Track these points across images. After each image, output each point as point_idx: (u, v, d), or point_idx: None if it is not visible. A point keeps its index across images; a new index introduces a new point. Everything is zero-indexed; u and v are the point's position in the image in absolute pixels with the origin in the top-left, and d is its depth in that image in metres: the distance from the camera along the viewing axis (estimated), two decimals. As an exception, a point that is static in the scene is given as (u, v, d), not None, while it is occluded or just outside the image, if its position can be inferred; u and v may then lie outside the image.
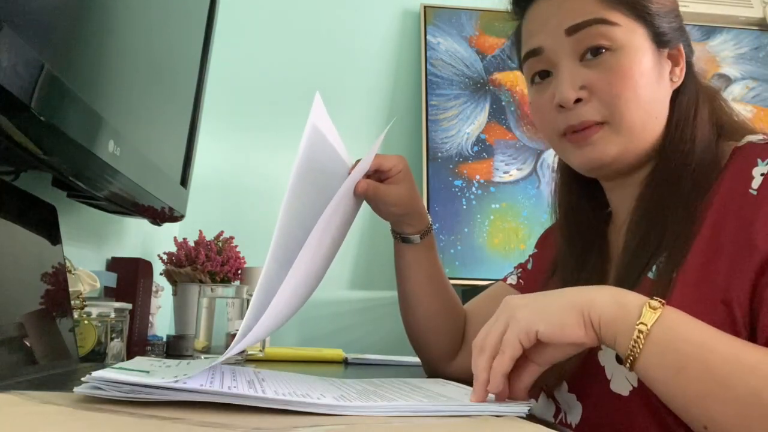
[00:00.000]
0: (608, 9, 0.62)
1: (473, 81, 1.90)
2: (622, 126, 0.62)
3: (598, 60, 0.62)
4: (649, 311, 0.49)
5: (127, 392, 0.41)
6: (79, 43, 0.68)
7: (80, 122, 0.66)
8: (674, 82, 0.66)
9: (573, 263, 0.72)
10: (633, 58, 0.62)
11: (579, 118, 0.63)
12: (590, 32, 0.62)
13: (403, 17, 1.99)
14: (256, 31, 1.90)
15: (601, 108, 0.62)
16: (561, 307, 0.51)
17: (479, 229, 1.77)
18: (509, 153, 1.84)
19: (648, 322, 0.48)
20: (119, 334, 0.88)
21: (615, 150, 0.63)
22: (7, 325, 0.58)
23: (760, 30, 2.09)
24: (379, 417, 0.45)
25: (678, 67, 0.67)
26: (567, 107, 0.63)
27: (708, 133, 0.65)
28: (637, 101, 0.62)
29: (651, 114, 0.63)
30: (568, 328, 0.50)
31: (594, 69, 0.62)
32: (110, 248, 1.18)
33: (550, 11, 0.65)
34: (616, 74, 0.62)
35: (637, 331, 0.48)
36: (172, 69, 1.09)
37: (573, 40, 0.63)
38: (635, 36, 0.63)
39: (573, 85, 0.63)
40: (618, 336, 0.50)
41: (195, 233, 1.30)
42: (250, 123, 1.86)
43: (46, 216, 0.75)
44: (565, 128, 0.65)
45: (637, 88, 0.62)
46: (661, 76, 0.65)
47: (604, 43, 0.62)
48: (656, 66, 0.64)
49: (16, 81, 0.51)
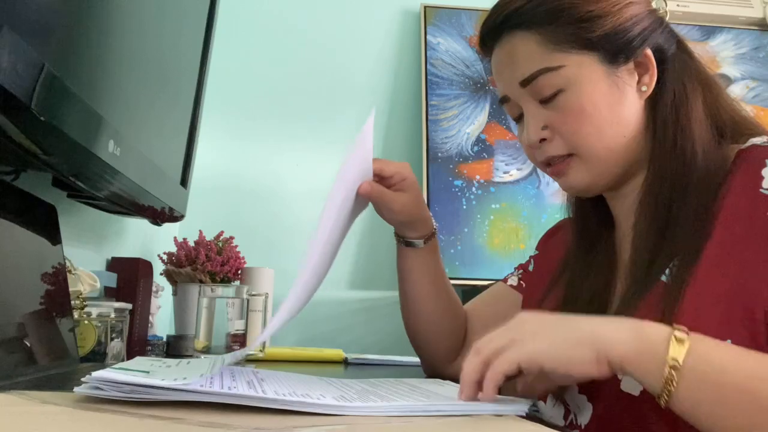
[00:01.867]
0: (550, 52, 0.64)
1: (473, 81, 1.90)
2: (588, 156, 0.66)
3: (555, 101, 0.65)
4: (676, 344, 0.47)
5: (127, 392, 0.41)
6: (79, 43, 0.68)
7: (80, 122, 0.66)
8: (644, 92, 0.66)
9: (580, 266, 0.72)
10: (583, 93, 0.64)
11: (546, 155, 0.68)
12: (539, 81, 0.65)
13: (403, 17, 1.99)
14: (256, 31, 1.90)
15: (563, 144, 0.66)
16: (573, 342, 0.50)
17: (479, 229, 1.76)
18: (509, 153, 1.84)
19: (679, 357, 0.47)
20: (119, 334, 0.88)
21: (588, 177, 0.67)
22: (7, 325, 0.58)
23: (760, 30, 2.09)
24: (378, 417, 0.45)
25: (647, 74, 0.66)
26: (534, 147, 0.68)
27: (706, 133, 0.64)
28: (595, 131, 0.64)
29: (615, 135, 0.65)
30: (578, 366, 0.49)
31: (552, 110, 0.66)
32: (110, 248, 1.18)
33: (502, 64, 0.69)
34: (570, 112, 0.64)
35: (669, 368, 0.47)
36: (172, 69, 1.09)
37: (528, 89, 0.66)
38: (582, 69, 0.64)
39: (536, 128, 0.67)
40: (647, 375, 0.48)
41: (195, 233, 1.30)
42: (250, 123, 1.86)
43: (46, 216, 0.75)
44: (541, 163, 0.70)
45: (592, 120, 0.64)
46: (620, 94, 0.65)
47: (555, 89, 0.64)
48: (612, 87, 0.65)
49: (16, 81, 0.51)
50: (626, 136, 0.66)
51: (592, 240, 0.74)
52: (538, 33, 0.65)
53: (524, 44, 0.66)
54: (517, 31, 0.66)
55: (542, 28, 0.65)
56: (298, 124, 1.87)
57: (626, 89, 0.66)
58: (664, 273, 0.60)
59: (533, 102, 0.67)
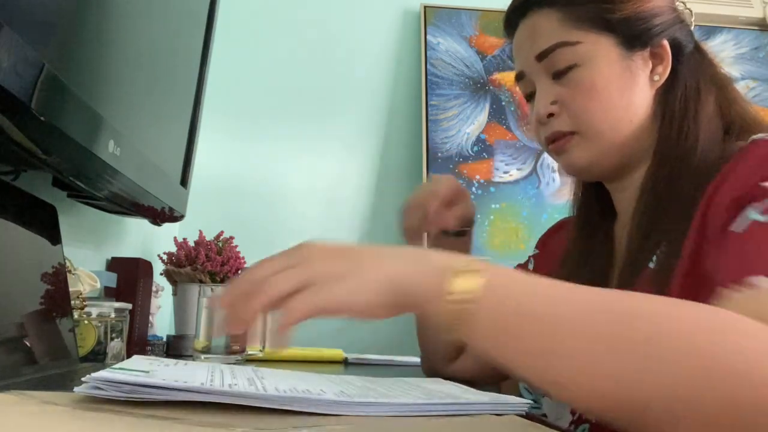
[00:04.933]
0: (569, 29, 0.67)
1: (473, 81, 1.90)
2: (591, 134, 0.67)
3: (567, 77, 0.67)
4: (466, 277, 0.42)
5: (127, 392, 0.41)
6: (79, 43, 0.68)
7: (80, 122, 0.66)
8: (656, 81, 0.68)
9: (579, 255, 0.74)
10: (596, 71, 0.66)
11: (551, 130, 0.69)
12: (555, 55, 0.67)
13: (403, 17, 1.99)
14: (256, 31, 1.90)
15: (570, 120, 0.68)
16: (374, 288, 0.43)
17: (479, 229, 1.76)
18: (509, 153, 1.84)
19: (469, 290, 0.41)
20: (119, 334, 0.88)
21: (587, 156, 0.68)
22: (7, 325, 0.58)
23: (760, 30, 2.09)
24: (379, 416, 0.45)
25: (661, 64, 0.68)
26: (542, 122, 0.70)
27: (713, 128, 0.65)
28: (602, 110, 0.66)
29: (622, 119, 0.66)
30: (379, 313, 0.44)
31: (564, 85, 0.68)
32: (110, 248, 1.18)
33: (523, 38, 0.71)
34: (580, 88, 0.66)
35: (456, 303, 0.42)
36: (172, 69, 1.09)
37: (543, 63, 0.68)
38: (599, 48, 0.66)
39: (545, 102, 0.69)
40: (438, 314, 0.43)
41: (195, 233, 1.30)
42: (250, 123, 1.86)
43: (46, 216, 0.75)
44: (545, 139, 0.71)
45: (601, 98, 0.66)
46: (632, 79, 0.67)
47: (569, 63, 0.67)
48: (626, 71, 0.66)
49: (16, 81, 0.51)
50: (632, 121, 0.67)
51: (593, 230, 0.75)
52: (560, 11, 0.67)
53: (546, 20, 0.68)
54: (542, 9, 0.69)
55: (565, 7, 0.67)
56: (299, 124, 1.87)
57: (639, 75, 0.67)
58: (651, 260, 0.61)
59: (546, 77, 0.69)
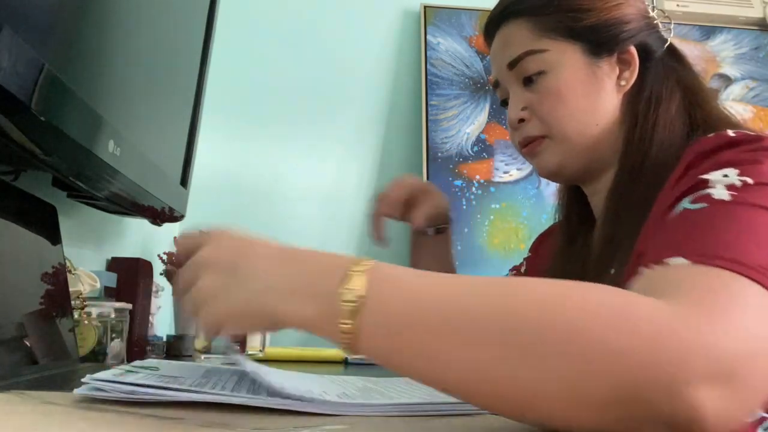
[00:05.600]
0: (538, 38, 0.69)
1: (473, 81, 1.90)
2: (559, 138, 0.69)
3: (536, 83, 0.70)
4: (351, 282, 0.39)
5: (127, 392, 0.41)
6: (79, 43, 0.68)
7: (80, 122, 0.66)
8: (623, 86, 0.69)
9: (560, 259, 0.77)
10: (561, 77, 0.68)
11: (522, 135, 0.72)
12: (525, 63, 0.70)
13: (403, 17, 1.99)
14: (256, 31, 1.90)
15: (539, 124, 0.70)
16: (253, 309, 0.42)
17: (479, 229, 1.76)
18: (509, 153, 1.84)
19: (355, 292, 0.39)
20: (119, 334, 0.88)
21: (557, 159, 0.70)
22: (7, 325, 0.58)
23: (760, 30, 2.09)
24: (379, 416, 0.45)
25: (628, 70, 0.69)
26: (514, 127, 0.73)
27: (673, 131, 0.65)
28: (569, 115, 0.68)
29: (588, 123, 0.68)
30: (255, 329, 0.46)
31: (533, 92, 0.70)
32: (110, 248, 1.18)
33: (497, 48, 0.74)
34: (547, 94, 0.69)
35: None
36: (172, 69, 1.09)
37: (514, 71, 0.71)
38: (565, 55, 0.69)
39: (516, 108, 0.72)
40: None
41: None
42: (250, 123, 1.86)
43: (46, 216, 0.75)
44: (518, 143, 0.73)
45: (567, 103, 0.68)
46: (599, 84, 0.69)
47: (538, 70, 0.69)
48: (591, 77, 0.69)
49: (16, 81, 0.51)
50: (599, 124, 0.69)
51: (573, 235, 0.77)
52: (530, 20, 0.70)
53: (518, 30, 0.71)
54: (515, 19, 0.72)
55: (535, 16, 0.70)
56: (298, 124, 1.87)
57: (604, 81, 0.69)
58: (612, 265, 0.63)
59: (518, 84, 0.72)
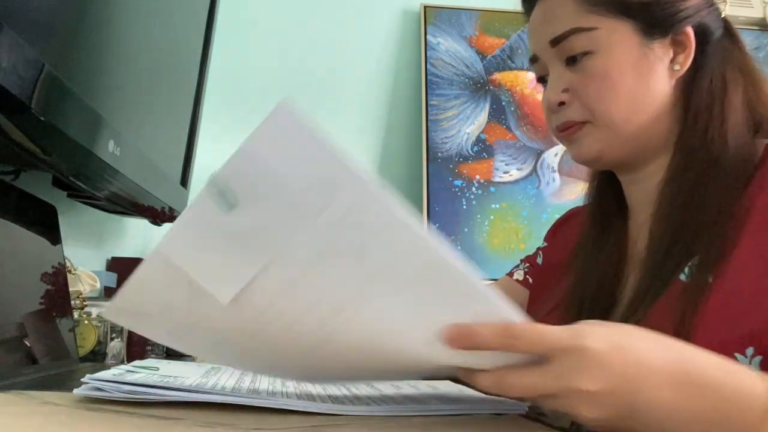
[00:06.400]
0: (585, 14, 0.63)
1: (473, 81, 1.90)
2: (602, 123, 0.64)
3: (580, 64, 0.64)
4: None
5: (127, 392, 0.41)
6: (79, 43, 0.68)
7: (80, 122, 0.66)
8: (676, 71, 0.64)
9: (589, 254, 0.70)
10: (611, 59, 0.62)
11: (561, 119, 0.66)
12: (569, 41, 0.64)
13: (403, 17, 1.99)
14: (255, 31, 1.90)
15: (582, 109, 0.64)
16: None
17: (479, 229, 1.76)
18: (509, 153, 1.84)
19: None
20: (119, 334, 0.88)
21: (598, 146, 0.65)
22: (7, 325, 0.58)
23: (760, 30, 2.09)
24: (379, 416, 0.45)
25: (683, 53, 0.64)
26: (553, 110, 0.67)
27: (742, 125, 0.61)
28: (615, 99, 0.63)
29: (636, 108, 0.63)
30: None
31: (577, 72, 0.64)
32: (110, 248, 1.18)
33: (538, 22, 0.68)
34: (593, 76, 0.63)
35: None
36: (172, 69, 1.09)
37: (557, 49, 0.65)
38: (615, 35, 0.63)
39: (556, 90, 0.65)
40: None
41: (195, 233, 1.30)
42: (250, 123, 1.84)
43: (46, 216, 0.75)
44: (555, 127, 0.68)
45: (615, 87, 0.62)
46: (649, 68, 0.63)
47: (584, 49, 0.63)
48: (641, 59, 0.63)
49: (16, 81, 0.51)
50: (647, 112, 0.63)
51: (605, 227, 0.71)
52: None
53: (562, 3, 0.65)
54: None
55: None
56: (298, 124, 1.86)
57: (657, 64, 0.63)
58: (683, 271, 0.57)
59: (560, 63, 0.66)
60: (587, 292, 0.66)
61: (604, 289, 0.66)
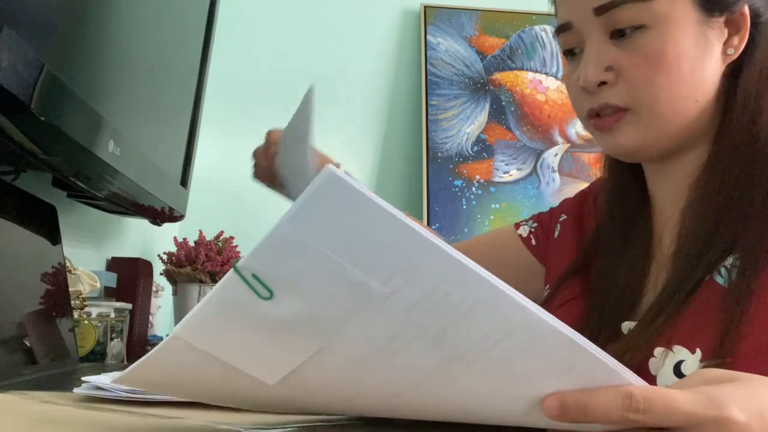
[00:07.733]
0: None
1: (473, 81, 1.90)
2: (649, 114, 0.56)
3: (630, 39, 0.55)
4: None
5: (127, 392, 0.41)
6: (79, 43, 0.68)
7: (80, 122, 0.66)
8: (729, 55, 0.56)
9: (613, 251, 0.63)
10: (669, 37, 0.54)
11: (600, 102, 0.57)
12: (620, 11, 0.54)
13: (403, 17, 1.99)
14: (256, 31, 1.90)
15: (626, 93, 0.56)
16: None
17: (479, 230, 1.76)
18: (509, 153, 1.84)
19: None
20: (119, 334, 0.88)
21: (639, 139, 0.57)
22: (7, 325, 0.58)
23: None
24: (380, 417, 0.44)
25: (737, 35, 0.56)
26: (590, 90, 0.57)
27: None
28: (669, 87, 0.55)
29: (687, 98, 0.56)
30: None
31: (624, 48, 0.55)
32: (110, 248, 1.18)
33: None
34: (647, 56, 0.54)
35: None
36: (172, 69, 1.09)
37: (602, 19, 0.55)
38: (674, 8, 0.54)
39: (598, 67, 0.56)
40: None
41: (195, 233, 1.30)
42: (250, 123, 1.86)
43: (46, 216, 0.75)
44: (588, 111, 0.58)
45: (671, 71, 0.54)
46: (707, 50, 0.55)
47: (636, 23, 0.54)
48: (700, 40, 0.55)
49: (16, 81, 0.51)
50: (698, 100, 0.56)
51: (629, 222, 0.64)
52: None
53: None
54: None
55: None
56: (298, 124, 1.87)
57: (713, 46, 0.56)
58: (719, 272, 0.52)
59: (603, 36, 0.56)
60: (612, 293, 0.61)
61: (629, 289, 0.60)
